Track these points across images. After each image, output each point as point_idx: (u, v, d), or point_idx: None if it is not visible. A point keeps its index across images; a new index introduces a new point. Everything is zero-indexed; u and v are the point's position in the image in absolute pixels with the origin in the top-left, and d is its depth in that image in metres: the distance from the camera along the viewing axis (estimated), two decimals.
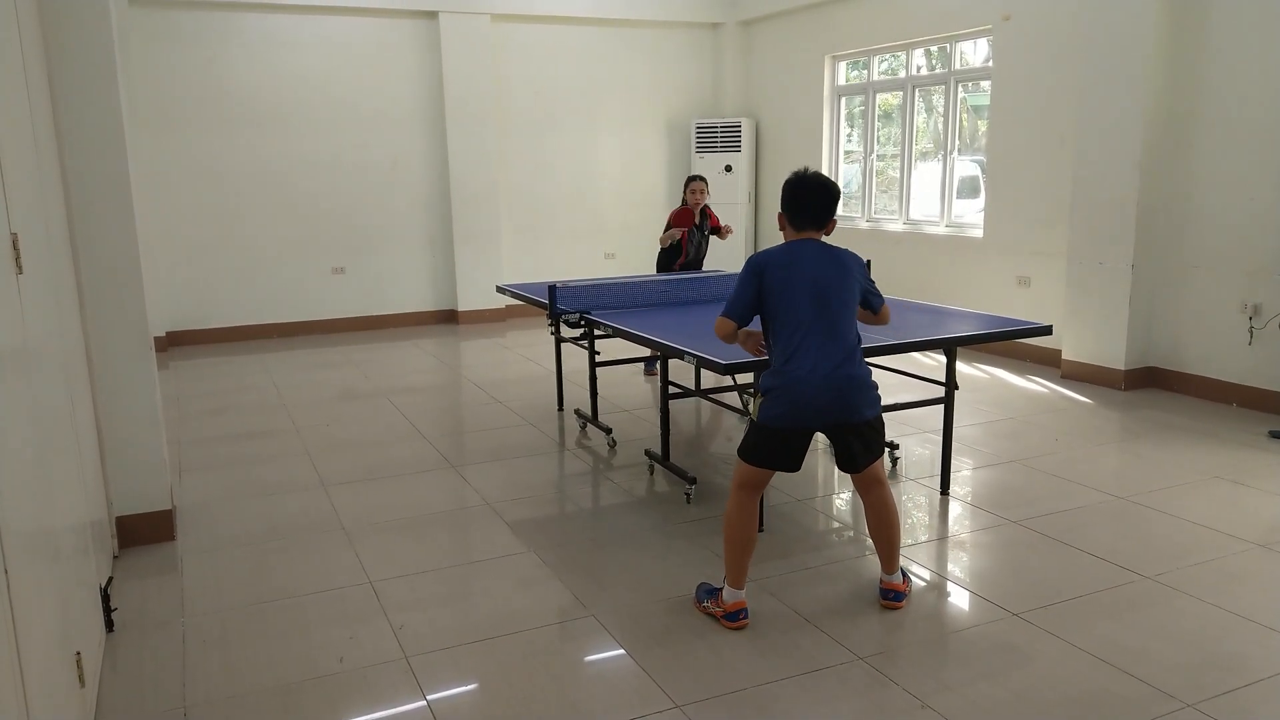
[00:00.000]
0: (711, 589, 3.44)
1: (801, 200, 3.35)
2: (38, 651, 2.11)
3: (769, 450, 3.30)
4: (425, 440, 5.67)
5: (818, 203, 3.33)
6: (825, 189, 3.33)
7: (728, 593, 3.34)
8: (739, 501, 3.36)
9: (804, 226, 3.36)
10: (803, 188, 3.34)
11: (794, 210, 3.36)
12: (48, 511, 2.51)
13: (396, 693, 2.95)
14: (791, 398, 3.21)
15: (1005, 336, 4.69)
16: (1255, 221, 5.89)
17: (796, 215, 3.36)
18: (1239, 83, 5.91)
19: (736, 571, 3.34)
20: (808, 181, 3.34)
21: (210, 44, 8.64)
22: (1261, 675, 2.94)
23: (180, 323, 8.90)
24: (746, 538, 3.34)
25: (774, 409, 3.24)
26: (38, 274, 2.77)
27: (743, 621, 3.30)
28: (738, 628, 3.29)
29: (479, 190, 9.70)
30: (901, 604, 3.44)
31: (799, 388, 3.20)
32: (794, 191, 3.36)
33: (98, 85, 3.79)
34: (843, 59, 9.55)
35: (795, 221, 3.37)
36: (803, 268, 3.26)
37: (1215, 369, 6.21)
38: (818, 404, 3.22)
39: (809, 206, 3.34)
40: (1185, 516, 4.24)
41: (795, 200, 3.36)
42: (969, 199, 8.50)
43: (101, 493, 3.92)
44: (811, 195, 3.33)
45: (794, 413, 3.23)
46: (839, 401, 3.24)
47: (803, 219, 3.36)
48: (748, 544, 3.35)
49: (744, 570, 3.35)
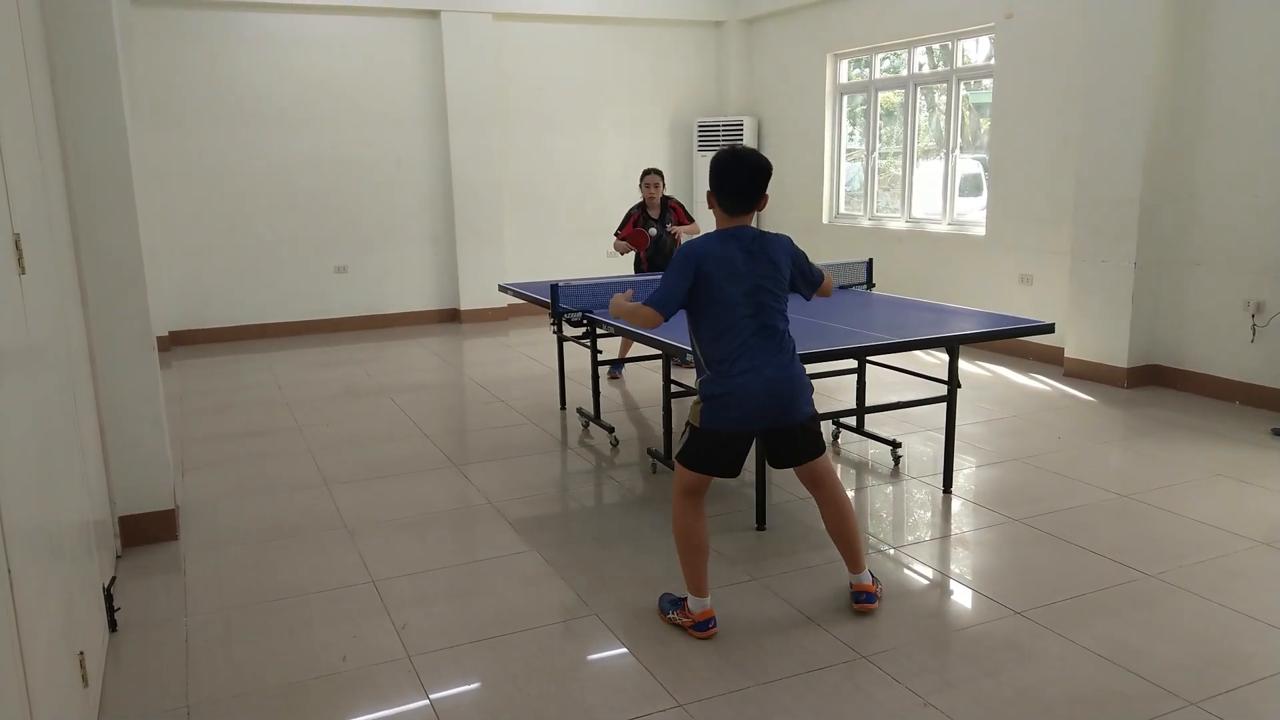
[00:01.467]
0: (675, 599, 3.34)
1: (734, 180, 3.13)
2: (41, 651, 2.11)
3: (711, 457, 3.20)
4: (428, 439, 5.67)
5: (751, 182, 3.13)
6: (759, 167, 3.13)
7: (694, 602, 3.24)
8: (683, 509, 3.26)
9: (738, 210, 3.16)
10: (736, 166, 3.12)
11: (726, 191, 3.15)
12: (51, 511, 2.52)
13: (399, 691, 2.95)
14: (736, 403, 3.10)
15: (1008, 334, 4.68)
16: (1259, 219, 5.87)
17: (729, 196, 3.15)
18: (1242, 80, 5.90)
19: (697, 579, 3.24)
20: (740, 158, 3.13)
21: (213, 42, 8.65)
22: (1264, 673, 2.94)
23: (183, 322, 8.91)
24: (699, 543, 3.24)
25: (717, 415, 3.13)
26: (40, 274, 2.77)
27: (712, 630, 3.21)
28: (707, 637, 3.20)
29: (481, 189, 9.71)
30: (874, 605, 3.36)
31: (743, 393, 3.09)
32: (725, 171, 3.14)
33: (100, 84, 3.79)
34: (845, 57, 9.54)
35: (726, 204, 3.16)
36: (740, 261, 3.10)
37: (1218, 367, 6.20)
38: (761, 408, 3.12)
39: (742, 186, 3.13)
40: (1188, 514, 4.24)
41: (727, 180, 3.14)
42: (971, 197, 8.49)
43: (104, 492, 3.92)
44: (745, 174, 3.12)
45: (738, 418, 3.13)
46: (781, 403, 3.14)
47: (736, 200, 3.15)
48: (701, 549, 3.25)
49: (704, 577, 3.24)
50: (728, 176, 3.15)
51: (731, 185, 3.16)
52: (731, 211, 3.18)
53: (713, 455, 3.20)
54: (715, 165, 3.17)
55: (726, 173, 3.15)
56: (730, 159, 3.15)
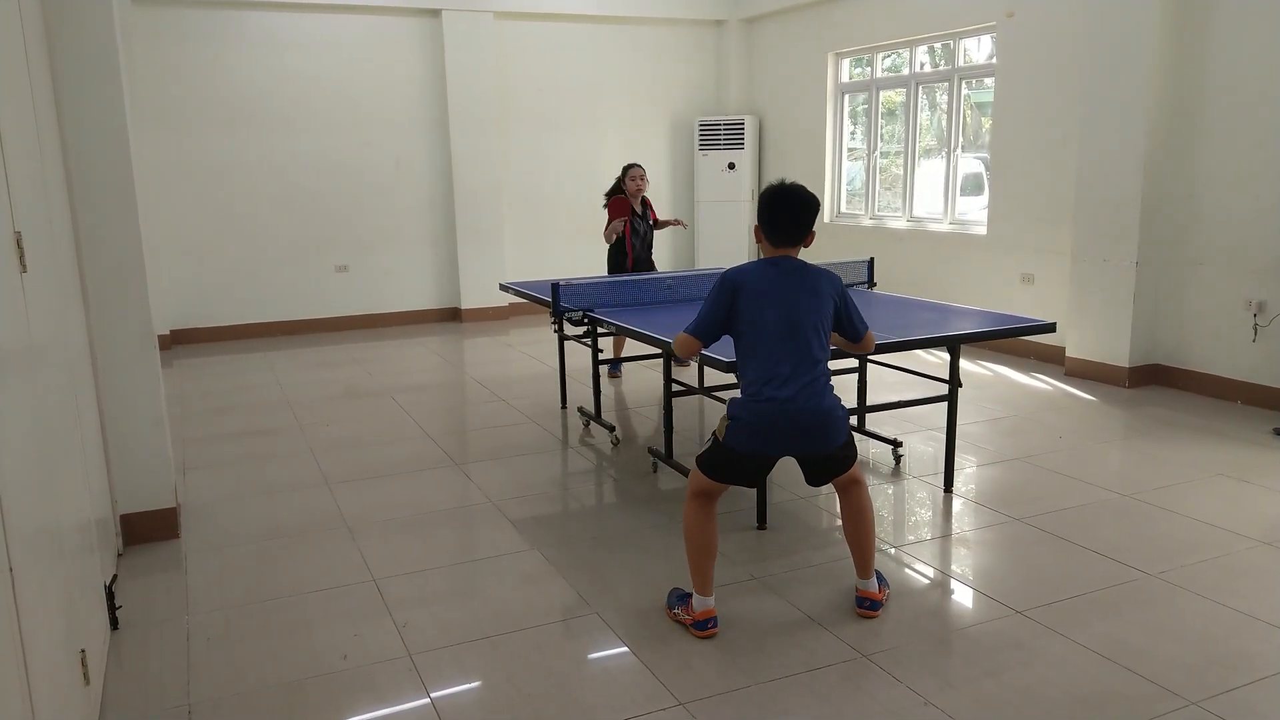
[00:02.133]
0: (683, 595, 3.36)
1: (780, 215, 3.21)
2: (42, 649, 2.11)
3: (731, 471, 3.24)
4: (429, 438, 5.67)
5: (797, 218, 3.19)
6: (805, 204, 3.19)
7: (697, 601, 3.26)
8: (695, 509, 3.28)
9: (781, 243, 3.23)
10: (781, 201, 3.20)
11: (771, 225, 3.23)
12: (52, 509, 2.52)
13: (400, 690, 2.95)
14: (761, 429, 3.13)
15: (1009, 334, 4.68)
16: (1260, 218, 5.87)
17: (774, 230, 3.22)
18: (1243, 79, 5.89)
19: (701, 579, 3.25)
20: (787, 195, 3.20)
21: (214, 42, 8.65)
22: (1265, 673, 2.94)
23: (184, 321, 8.92)
24: (707, 543, 3.25)
25: (742, 436, 3.15)
26: (41, 273, 2.77)
27: (711, 630, 3.22)
28: (706, 636, 3.21)
29: (482, 188, 9.71)
30: (877, 614, 3.35)
31: (769, 419, 3.11)
32: (772, 205, 3.21)
33: (101, 84, 3.79)
34: (846, 56, 9.54)
35: (772, 237, 3.24)
36: (779, 289, 3.15)
37: (1220, 366, 6.20)
38: (787, 436, 3.15)
39: (788, 222, 3.20)
40: (1189, 514, 4.24)
41: (773, 215, 3.22)
42: (972, 196, 8.49)
43: (106, 491, 3.92)
44: (790, 210, 3.19)
45: (763, 443, 3.16)
46: (809, 435, 3.16)
47: (780, 235, 3.22)
48: (709, 549, 3.26)
49: (709, 577, 3.25)
50: (775, 211, 3.22)
51: (778, 220, 3.22)
52: (777, 244, 3.25)
53: (733, 470, 3.24)
54: (764, 200, 3.24)
55: (774, 208, 3.22)
56: (775, 194, 3.22)
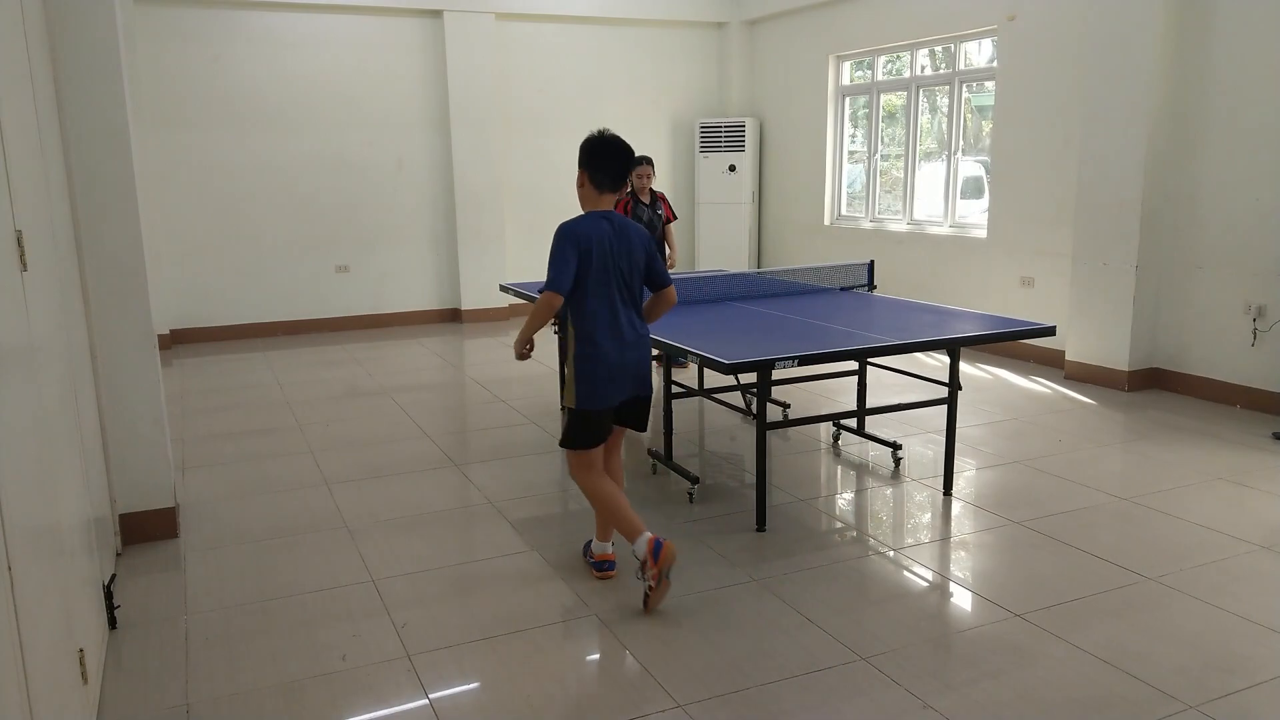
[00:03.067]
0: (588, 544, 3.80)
1: (606, 161, 3.45)
2: (41, 648, 2.11)
3: (591, 433, 3.51)
4: (428, 438, 5.67)
5: (620, 164, 3.45)
6: (627, 151, 3.47)
7: (596, 545, 3.70)
8: (587, 480, 3.56)
9: (605, 187, 3.47)
10: (606, 148, 3.45)
11: (598, 170, 3.45)
12: (51, 508, 2.52)
13: (399, 691, 2.95)
14: (607, 374, 3.41)
15: (1009, 337, 4.67)
16: (1260, 222, 5.87)
17: (600, 175, 3.45)
18: (1244, 83, 5.90)
19: (605, 528, 3.66)
20: (611, 143, 3.45)
21: (215, 42, 8.65)
22: (1264, 677, 2.94)
23: (184, 320, 8.91)
24: (609, 497, 3.51)
25: (592, 389, 3.41)
26: (42, 271, 2.78)
27: (609, 573, 3.65)
28: (604, 578, 3.64)
29: (483, 189, 9.71)
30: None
31: (611, 363, 3.40)
32: (597, 151, 3.45)
33: (103, 83, 3.80)
34: (847, 59, 9.54)
35: (597, 181, 3.46)
36: (614, 240, 3.41)
37: (1219, 370, 6.20)
38: (625, 380, 3.45)
39: (612, 167, 3.45)
40: (1188, 518, 4.24)
41: (599, 160, 3.45)
42: (973, 199, 8.49)
43: (105, 490, 3.92)
44: (615, 156, 3.46)
45: (608, 391, 3.43)
46: (639, 376, 3.50)
47: (605, 179, 3.46)
48: (613, 500, 3.50)
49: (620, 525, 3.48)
50: (601, 157, 3.46)
51: (603, 165, 3.46)
52: (601, 189, 3.48)
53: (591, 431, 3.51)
54: (586, 146, 3.47)
55: (599, 154, 3.46)
56: (602, 142, 3.46)
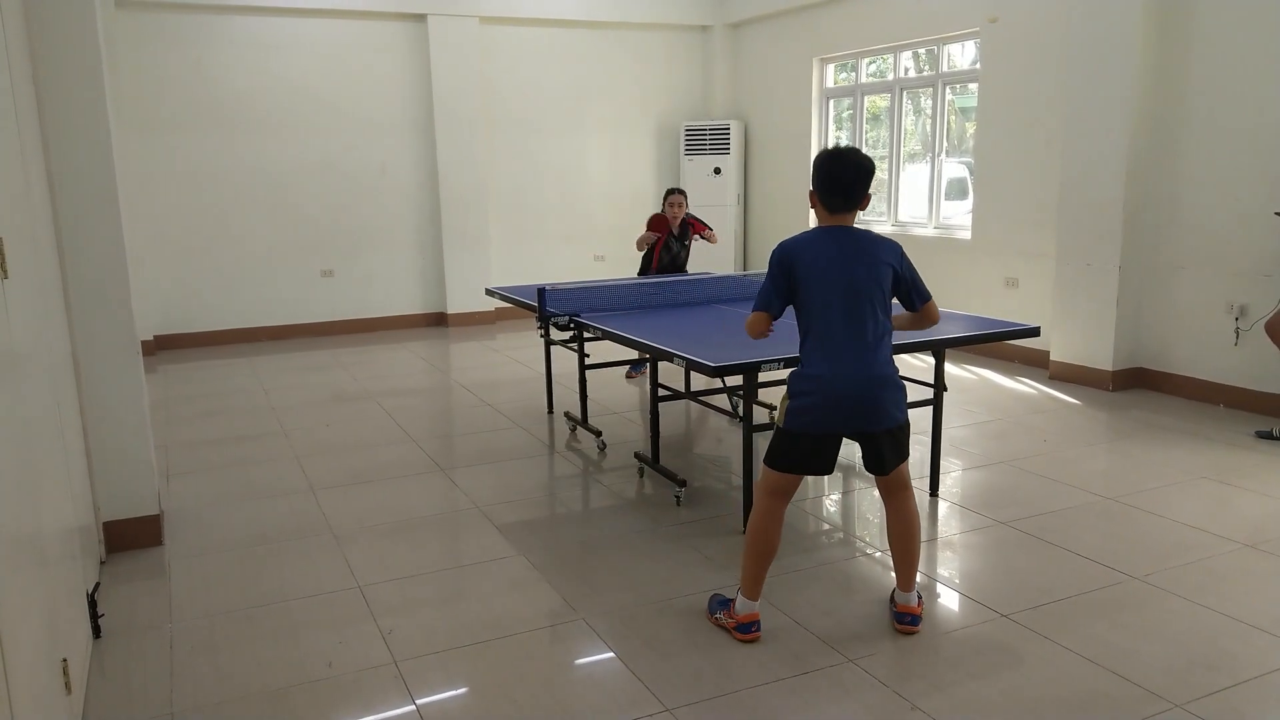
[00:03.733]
0: (724, 600, 3.34)
1: (836, 179, 3.11)
2: (24, 658, 2.09)
3: (798, 456, 3.14)
4: (414, 443, 5.66)
5: (853, 181, 3.11)
6: (861, 166, 3.11)
7: (741, 604, 3.22)
8: (766, 509, 3.22)
9: (837, 208, 3.14)
10: (838, 165, 3.11)
11: (827, 189, 3.13)
12: (34, 517, 2.50)
13: (386, 697, 2.94)
14: (822, 401, 3.07)
15: (993, 338, 4.70)
16: (1241, 222, 5.92)
17: (830, 195, 3.14)
18: (1224, 84, 5.94)
19: (752, 582, 3.21)
20: (844, 158, 3.12)
21: (197, 47, 8.60)
22: (1249, 675, 2.96)
23: (168, 326, 8.86)
24: (769, 547, 3.21)
25: (804, 414, 3.09)
26: (24, 278, 2.75)
27: (755, 634, 3.19)
28: (749, 640, 3.18)
29: (468, 192, 9.69)
30: (917, 629, 3.26)
31: (829, 391, 3.06)
32: (828, 169, 3.12)
33: (84, 88, 3.77)
34: (831, 61, 9.57)
35: (828, 201, 3.15)
36: (836, 258, 3.08)
37: (1202, 370, 6.24)
38: (848, 408, 3.08)
39: (843, 185, 3.11)
40: (1173, 517, 4.26)
41: (829, 179, 3.12)
42: (957, 200, 8.53)
43: (88, 498, 3.89)
44: (847, 173, 3.10)
45: (825, 418, 3.09)
46: (870, 405, 3.09)
47: (836, 199, 3.13)
48: (769, 553, 3.22)
49: (760, 581, 3.22)
50: (829, 175, 3.14)
51: (832, 184, 3.13)
52: (831, 210, 3.17)
53: (800, 454, 3.15)
54: (818, 164, 3.16)
55: (827, 171, 3.14)
56: (832, 159, 3.14)
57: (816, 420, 3.09)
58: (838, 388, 3.06)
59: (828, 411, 3.08)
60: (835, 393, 3.07)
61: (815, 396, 3.08)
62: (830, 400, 3.07)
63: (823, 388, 3.07)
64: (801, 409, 3.10)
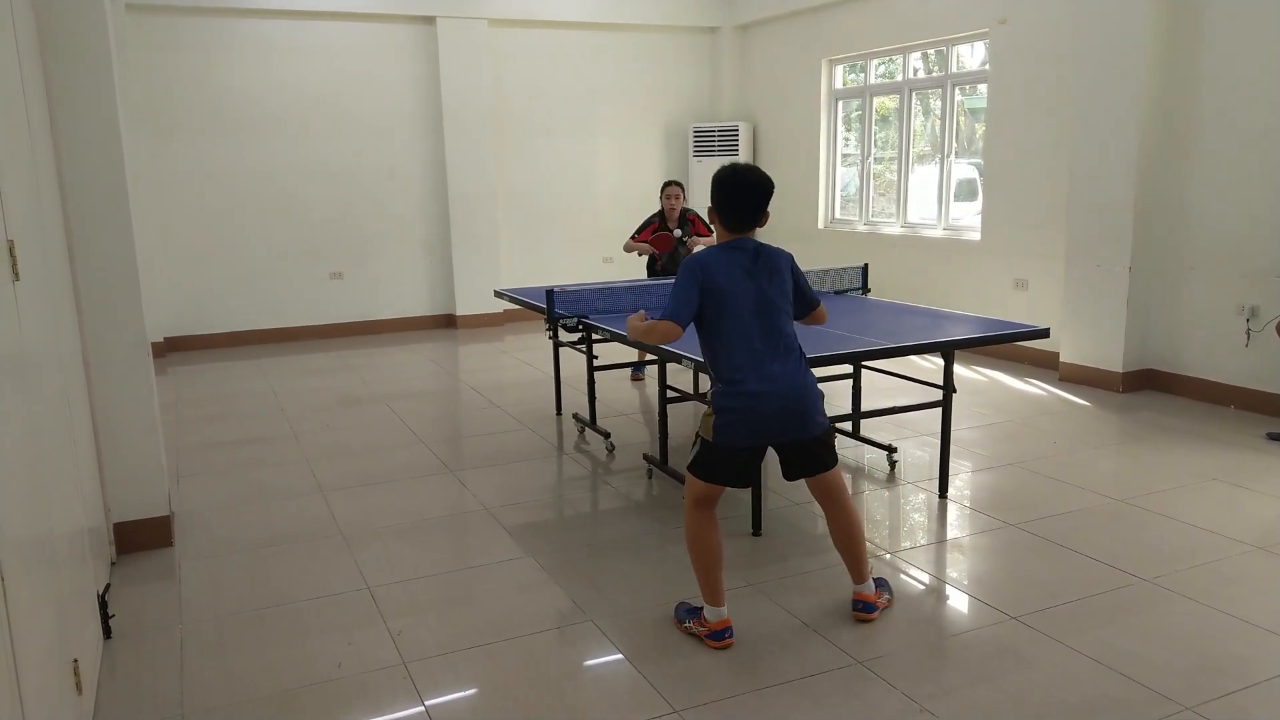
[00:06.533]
0: (692, 609, 3.33)
1: (735, 199, 3.18)
2: (35, 658, 2.10)
3: (723, 468, 3.20)
4: (423, 445, 5.67)
5: (752, 201, 3.17)
6: (760, 186, 3.17)
7: (710, 611, 3.22)
8: (697, 519, 3.24)
9: (739, 225, 3.20)
10: (736, 186, 3.17)
11: (727, 209, 3.19)
12: (45, 518, 2.51)
13: (395, 699, 2.95)
14: (747, 416, 3.11)
15: (1003, 339, 4.69)
16: (1252, 224, 5.89)
17: (731, 212, 3.19)
18: (1235, 85, 5.92)
19: (710, 590, 3.22)
20: (741, 178, 3.16)
21: (207, 50, 8.64)
22: (1259, 678, 2.94)
23: (178, 328, 8.90)
24: (711, 551, 3.22)
25: (729, 429, 3.12)
26: (35, 280, 2.77)
27: (728, 641, 3.19)
28: (722, 647, 3.18)
29: (476, 195, 9.71)
30: (874, 615, 3.34)
31: (755, 405, 3.10)
32: (727, 190, 3.18)
33: (95, 91, 3.79)
34: (839, 62, 9.56)
35: (729, 219, 3.20)
36: (746, 272, 3.14)
37: (1213, 371, 6.22)
38: (774, 422, 3.14)
39: (743, 206, 3.18)
40: (1183, 519, 4.25)
41: (728, 199, 3.18)
42: (966, 202, 8.50)
43: (99, 499, 3.91)
44: (746, 193, 3.17)
45: (750, 433, 3.14)
46: (795, 417, 3.15)
47: (737, 216, 3.19)
48: (714, 558, 3.23)
49: (718, 586, 3.22)
50: (728, 194, 3.19)
51: (733, 202, 3.19)
52: (732, 228, 3.22)
53: (725, 467, 3.20)
54: (716, 183, 3.20)
55: (727, 190, 3.19)
56: (730, 177, 3.18)
57: (747, 433, 3.15)
58: (771, 402, 3.12)
59: (759, 424, 3.15)
60: (767, 407, 3.12)
61: (744, 412, 3.12)
62: (762, 415, 3.13)
63: (752, 403, 3.11)
64: (730, 423, 3.14)
